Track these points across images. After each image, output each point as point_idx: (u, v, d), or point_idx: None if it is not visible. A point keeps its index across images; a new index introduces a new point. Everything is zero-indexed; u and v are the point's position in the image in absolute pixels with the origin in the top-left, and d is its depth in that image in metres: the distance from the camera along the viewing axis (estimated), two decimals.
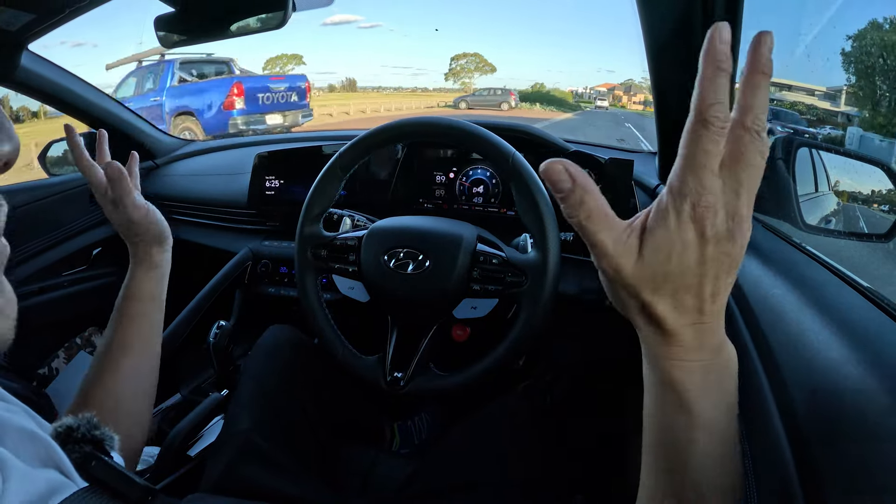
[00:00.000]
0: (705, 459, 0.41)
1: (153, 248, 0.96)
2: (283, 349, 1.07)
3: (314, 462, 0.98)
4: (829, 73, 1.13)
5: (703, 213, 0.37)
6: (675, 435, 0.42)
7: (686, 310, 0.40)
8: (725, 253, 0.38)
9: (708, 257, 0.38)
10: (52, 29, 1.26)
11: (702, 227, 0.37)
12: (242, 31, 1.07)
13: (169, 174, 1.98)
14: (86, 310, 1.87)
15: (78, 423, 0.50)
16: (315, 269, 1.05)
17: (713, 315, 0.41)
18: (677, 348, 0.41)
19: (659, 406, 0.44)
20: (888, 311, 0.54)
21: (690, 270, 0.39)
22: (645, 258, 0.40)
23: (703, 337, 0.41)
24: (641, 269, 0.40)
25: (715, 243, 0.38)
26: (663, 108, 1.10)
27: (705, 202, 0.37)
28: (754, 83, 0.39)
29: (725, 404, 0.42)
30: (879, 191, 0.90)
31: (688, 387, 0.41)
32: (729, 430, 0.42)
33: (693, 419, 0.41)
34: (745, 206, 0.37)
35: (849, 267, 0.68)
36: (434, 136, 1.03)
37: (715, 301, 0.40)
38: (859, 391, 0.40)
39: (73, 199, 1.78)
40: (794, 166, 0.96)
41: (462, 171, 1.45)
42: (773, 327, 0.55)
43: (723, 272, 0.39)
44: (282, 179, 1.58)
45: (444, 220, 1.09)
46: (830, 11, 1.03)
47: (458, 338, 1.13)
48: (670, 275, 0.39)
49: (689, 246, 0.38)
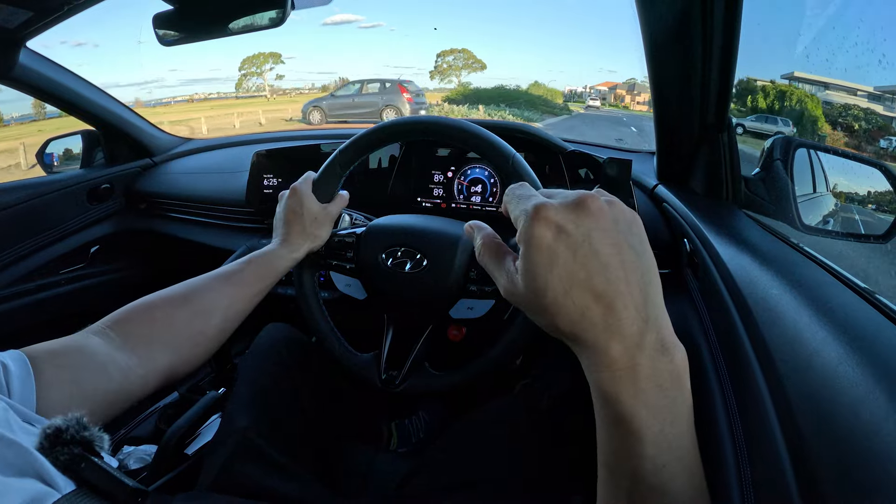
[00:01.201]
0: (659, 470, 0.40)
1: (308, 243, 0.99)
2: (280, 347, 1.07)
3: (312, 461, 0.98)
4: (827, 72, 1.13)
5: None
6: (620, 449, 0.41)
7: (589, 319, 0.40)
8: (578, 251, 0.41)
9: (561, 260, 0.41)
10: (50, 26, 1.26)
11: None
12: (241, 29, 1.07)
13: (167, 172, 1.98)
14: (84, 307, 1.88)
15: (67, 423, 0.49)
16: (312, 265, 1.05)
17: (626, 319, 0.40)
18: (601, 357, 0.40)
19: (600, 420, 0.43)
20: (885, 311, 0.54)
21: (562, 274, 0.41)
22: (523, 282, 0.44)
23: (617, 339, 0.40)
24: (526, 293, 0.44)
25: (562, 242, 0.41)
26: (662, 108, 1.10)
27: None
28: None
29: (671, 412, 0.40)
30: (877, 192, 0.90)
31: (621, 398, 0.40)
32: (683, 437, 0.41)
33: (634, 433, 0.40)
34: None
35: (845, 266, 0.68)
36: (434, 134, 1.02)
37: (615, 304, 0.40)
38: (856, 391, 0.40)
39: (71, 197, 1.78)
40: (792, 167, 0.96)
41: (460, 171, 1.45)
42: (770, 327, 0.55)
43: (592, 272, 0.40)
44: (280, 178, 1.58)
45: (442, 220, 1.09)
46: (830, 11, 1.03)
47: (454, 338, 1.13)
48: (547, 289, 0.42)
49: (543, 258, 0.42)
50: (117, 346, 0.73)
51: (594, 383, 0.42)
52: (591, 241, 0.40)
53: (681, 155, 1.16)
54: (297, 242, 0.98)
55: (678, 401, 0.40)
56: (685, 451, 0.41)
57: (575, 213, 0.41)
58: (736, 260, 0.73)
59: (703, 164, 1.11)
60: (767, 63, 1.44)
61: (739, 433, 0.53)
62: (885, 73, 0.88)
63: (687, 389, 0.41)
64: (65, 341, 0.70)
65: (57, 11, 1.17)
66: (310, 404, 1.03)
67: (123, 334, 0.75)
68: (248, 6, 1.04)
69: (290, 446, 0.94)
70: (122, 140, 1.92)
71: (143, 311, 0.80)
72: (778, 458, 0.42)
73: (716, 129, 1.07)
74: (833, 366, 0.44)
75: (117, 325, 0.76)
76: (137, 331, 0.76)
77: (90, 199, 1.84)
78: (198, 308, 0.83)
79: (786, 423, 0.44)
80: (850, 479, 0.35)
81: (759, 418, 0.48)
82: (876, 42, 0.85)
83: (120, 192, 1.94)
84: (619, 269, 0.40)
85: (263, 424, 0.93)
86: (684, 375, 0.41)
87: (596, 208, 0.41)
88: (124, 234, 1.97)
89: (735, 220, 0.97)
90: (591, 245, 0.40)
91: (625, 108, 34.49)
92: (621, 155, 1.36)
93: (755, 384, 0.51)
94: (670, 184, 1.22)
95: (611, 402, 0.40)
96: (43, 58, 1.53)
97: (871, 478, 0.34)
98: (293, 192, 0.99)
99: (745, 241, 0.82)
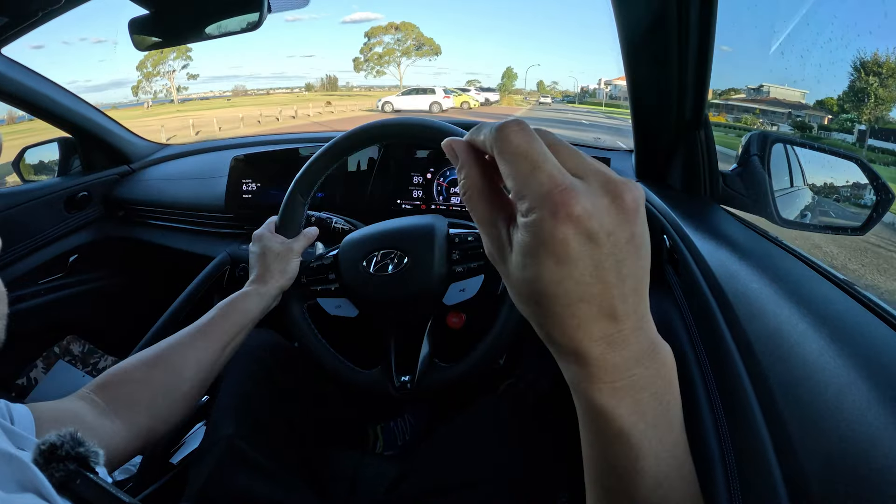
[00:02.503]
0: (660, 485, 0.36)
1: (276, 280, 1.02)
2: (263, 353, 1.07)
3: (299, 466, 0.98)
4: (802, 70, 1.14)
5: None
6: (616, 466, 0.37)
7: (589, 333, 0.34)
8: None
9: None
10: (25, 33, 1.24)
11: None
12: (218, 33, 1.06)
13: (145, 179, 1.96)
14: (64, 318, 1.85)
15: (61, 440, 0.49)
16: (300, 297, 1.05)
17: (626, 321, 0.34)
18: (592, 369, 0.34)
19: (593, 438, 0.38)
20: (864, 302, 0.55)
21: (572, 286, 0.33)
22: (521, 273, 0.35)
23: (618, 350, 0.34)
24: (519, 283, 0.36)
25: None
26: (639, 106, 1.11)
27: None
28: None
29: (666, 419, 0.36)
30: (853, 184, 0.91)
31: (618, 412, 0.35)
32: (678, 444, 0.37)
33: (634, 448, 0.35)
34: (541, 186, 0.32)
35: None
36: (381, 138, 1.05)
37: (619, 315, 0.34)
38: (839, 380, 0.41)
39: (49, 206, 1.76)
40: (769, 162, 0.97)
41: (439, 172, 1.45)
42: (751, 321, 0.55)
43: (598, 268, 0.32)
44: (259, 182, 1.57)
45: (412, 217, 1.10)
46: (804, 9, 1.05)
47: (455, 325, 1.13)
48: (551, 295, 0.33)
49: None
50: (101, 412, 0.74)
51: (587, 399, 0.36)
52: (617, 253, 0.33)
53: (659, 152, 1.17)
54: (267, 282, 1.00)
55: (672, 405, 0.37)
56: (682, 459, 0.38)
57: (609, 215, 0.32)
58: (715, 255, 0.74)
59: (681, 161, 1.12)
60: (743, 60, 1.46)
61: (724, 427, 0.53)
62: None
63: (677, 389, 0.37)
64: (64, 405, 0.72)
65: (33, 17, 1.15)
66: (295, 409, 1.03)
67: (107, 399, 0.76)
68: (224, 10, 1.04)
69: (276, 452, 0.94)
70: (98, 147, 1.90)
71: (122, 375, 0.81)
72: (763, 450, 0.43)
73: (693, 126, 1.08)
74: (814, 357, 0.45)
75: (101, 390, 0.78)
76: (119, 395, 0.78)
77: (68, 208, 1.81)
78: (171, 365, 0.85)
79: (769, 414, 0.44)
80: (835, 468, 0.36)
81: (743, 411, 0.48)
82: (850, 38, 0.86)
83: (98, 199, 1.91)
84: (635, 278, 0.34)
85: (249, 431, 0.92)
86: (674, 376, 0.37)
87: (633, 207, 0.33)
88: (103, 243, 1.94)
89: (714, 216, 0.98)
90: (615, 257, 0.33)
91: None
92: (599, 153, 1.37)
93: (738, 377, 0.51)
94: (649, 181, 1.23)
95: (607, 417, 0.35)
96: (18, 64, 1.51)
97: (858, 469, 0.34)
98: (255, 238, 1.05)
99: (724, 236, 0.82)
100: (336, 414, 1.18)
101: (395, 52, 53.15)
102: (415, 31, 52.22)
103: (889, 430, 0.35)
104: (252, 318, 0.96)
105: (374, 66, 52.92)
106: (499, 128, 0.35)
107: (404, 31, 52.46)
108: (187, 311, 1.46)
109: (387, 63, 53.91)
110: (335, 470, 1.05)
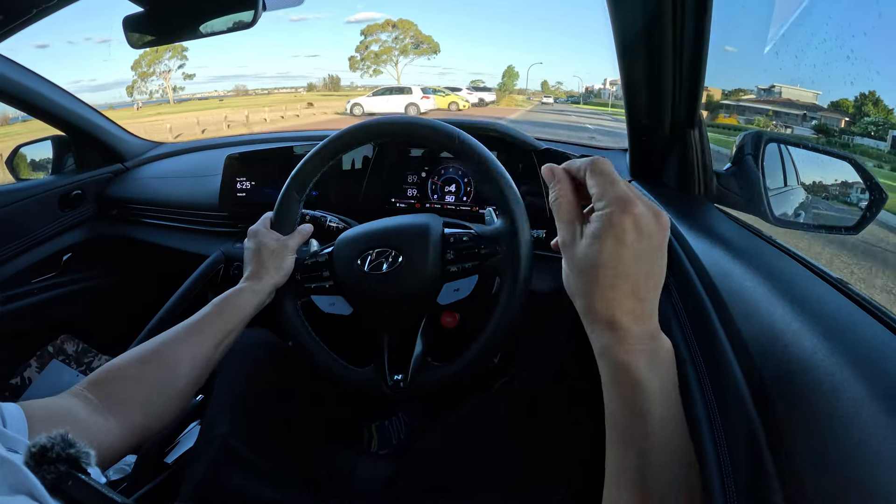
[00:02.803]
0: (660, 425, 0.49)
1: (271, 277, 1.01)
2: (257, 352, 1.07)
3: (294, 465, 0.97)
4: (796, 70, 1.15)
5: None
6: (632, 408, 0.49)
7: (623, 307, 0.50)
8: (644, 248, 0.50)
9: (635, 252, 0.49)
10: (17, 31, 1.23)
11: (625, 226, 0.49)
12: (213, 31, 1.06)
13: (138, 177, 1.96)
14: (58, 317, 1.85)
15: (52, 442, 0.49)
16: (294, 294, 1.05)
17: (646, 304, 0.51)
18: (622, 333, 0.50)
19: (615, 386, 0.51)
20: (858, 300, 0.55)
21: (620, 263, 0.49)
22: (587, 249, 0.52)
23: (640, 324, 0.50)
24: (583, 259, 0.52)
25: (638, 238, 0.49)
26: (634, 106, 1.11)
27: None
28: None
29: (670, 381, 0.51)
30: (847, 184, 0.92)
31: (637, 365, 0.49)
32: (677, 399, 0.51)
33: (645, 393, 0.48)
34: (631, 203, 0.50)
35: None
36: (378, 136, 1.05)
37: (646, 299, 0.51)
38: (833, 379, 0.41)
39: (42, 204, 1.75)
40: (763, 161, 0.97)
41: (434, 171, 1.45)
42: (745, 319, 0.56)
43: (639, 266, 0.50)
44: (253, 181, 1.57)
45: (407, 216, 1.10)
46: (798, 9, 1.05)
47: (448, 325, 1.13)
48: (606, 266, 0.50)
49: (618, 241, 0.49)
50: (95, 409, 0.74)
51: (612, 357, 0.50)
52: (653, 251, 0.50)
53: (653, 151, 1.17)
54: (261, 278, 1.00)
55: (671, 373, 0.51)
56: (679, 412, 0.51)
57: (656, 224, 0.50)
58: (709, 254, 0.74)
59: (676, 160, 1.12)
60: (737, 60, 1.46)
61: (718, 425, 0.53)
62: (853, 68, 0.90)
63: (674, 364, 0.52)
64: (57, 402, 0.72)
65: (26, 14, 1.14)
66: (289, 408, 1.03)
67: (101, 396, 0.75)
68: (218, 8, 1.03)
69: (270, 451, 0.94)
70: (92, 145, 1.89)
71: (116, 372, 0.81)
72: (758, 449, 0.43)
73: (687, 126, 1.08)
74: (808, 355, 0.45)
75: (95, 387, 0.77)
76: (113, 392, 0.77)
77: (61, 206, 1.80)
78: (165, 361, 0.84)
79: (764, 412, 0.45)
80: (829, 465, 0.36)
81: (737, 409, 0.48)
82: (844, 38, 0.87)
83: (91, 198, 1.91)
84: (657, 275, 0.51)
85: (243, 430, 0.92)
86: (672, 352, 0.52)
87: (665, 223, 0.51)
88: (97, 241, 1.93)
89: (708, 215, 0.99)
90: (651, 253, 0.50)
91: None
92: (594, 153, 1.38)
93: (732, 376, 0.51)
94: (643, 180, 1.23)
95: (630, 370, 0.49)
96: (10, 61, 1.50)
97: (850, 464, 0.34)
98: (250, 234, 1.04)
99: (719, 235, 0.83)
100: (331, 413, 1.18)
101: (392, 51, 51.15)
102: (412, 28, 50.54)
103: (882, 428, 0.35)
104: (247, 315, 0.96)
105: (371, 65, 50.91)
106: (594, 160, 0.55)
107: (402, 29, 50.55)
108: (182, 309, 1.45)
109: (384, 62, 51.74)
110: (330, 469, 1.05)
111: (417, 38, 50.51)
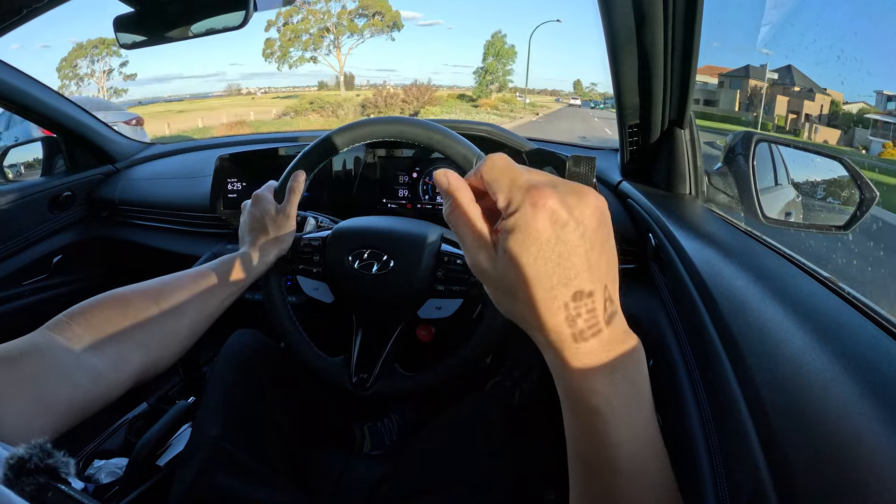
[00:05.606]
0: (633, 457, 0.41)
1: (275, 247, 1.00)
2: (248, 353, 1.06)
3: (285, 466, 0.97)
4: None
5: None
6: (594, 440, 0.41)
7: (570, 317, 0.39)
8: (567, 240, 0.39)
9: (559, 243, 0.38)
10: (7, 31, 1.22)
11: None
12: (204, 31, 1.06)
13: (129, 178, 1.94)
14: (48, 319, 1.83)
15: (30, 452, 0.48)
16: (279, 270, 1.04)
17: (598, 306, 0.39)
18: (571, 351, 0.40)
19: (573, 415, 0.42)
20: (847, 298, 0.56)
21: (548, 269, 0.39)
22: (499, 256, 0.41)
23: (593, 336, 0.39)
24: (503, 279, 0.41)
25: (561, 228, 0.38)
26: (623, 105, 1.11)
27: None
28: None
29: (637, 400, 0.41)
30: (837, 183, 0.92)
31: (594, 389, 0.40)
32: (649, 422, 0.42)
33: (607, 423, 0.40)
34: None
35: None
36: (396, 136, 1.02)
37: (597, 301, 0.39)
38: (823, 376, 0.41)
39: (32, 206, 1.74)
40: (753, 161, 0.98)
41: (425, 171, 1.45)
42: (736, 318, 0.56)
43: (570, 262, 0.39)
44: (244, 182, 1.56)
45: (408, 221, 1.09)
46: (787, 7, 1.06)
47: (424, 338, 1.13)
48: (532, 280, 0.39)
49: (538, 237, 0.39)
50: (85, 346, 0.69)
51: (566, 379, 0.41)
52: (588, 240, 0.39)
53: (644, 151, 1.18)
54: (266, 248, 0.98)
55: (642, 386, 0.41)
56: (654, 436, 0.42)
57: (579, 207, 0.39)
58: (700, 253, 0.74)
59: (666, 160, 1.13)
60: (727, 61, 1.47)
61: (710, 423, 0.53)
62: (843, 68, 0.90)
63: (646, 373, 0.42)
64: (21, 344, 0.66)
65: (16, 15, 1.14)
66: (280, 409, 1.02)
67: (92, 330, 0.71)
68: (209, 8, 1.03)
69: (262, 453, 0.93)
70: (83, 146, 1.88)
71: (116, 305, 0.77)
72: (750, 446, 0.43)
73: (677, 126, 1.08)
74: (799, 353, 0.45)
75: (85, 319, 0.73)
76: (109, 327, 0.73)
77: (51, 208, 1.79)
78: (170, 306, 0.81)
79: (755, 410, 0.45)
80: (821, 462, 0.36)
81: (729, 408, 0.48)
82: (834, 38, 0.87)
83: (82, 199, 1.89)
84: (605, 267, 0.40)
85: (234, 432, 0.92)
86: (643, 360, 0.42)
87: (595, 205, 0.39)
88: (87, 243, 1.92)
89: (698, 215, 0.99)
90: (586, 244, 0.39)
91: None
92: (585, 152, 1.38)
93: (724, 375, 0.52)
94: (634, 180, 1.23)
95: (585, 395, 0.40)
96: (1, 62, 1.49)
97: (842, 461, 0.35)
98: (254, 199, 1.02)
99: (709, 235, 0.83)
100: (322, 414, 1.18)
101: (324, 22, 31.15)
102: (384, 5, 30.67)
103: (873, 425, 0.35)
104: (250, 280, 0.96)
105: (286, 48, 31.92)
106: (487, 158, 0.43)
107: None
108: None
109: (310, 44, 32.39)
110: (322, 470, 1.04)
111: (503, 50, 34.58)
